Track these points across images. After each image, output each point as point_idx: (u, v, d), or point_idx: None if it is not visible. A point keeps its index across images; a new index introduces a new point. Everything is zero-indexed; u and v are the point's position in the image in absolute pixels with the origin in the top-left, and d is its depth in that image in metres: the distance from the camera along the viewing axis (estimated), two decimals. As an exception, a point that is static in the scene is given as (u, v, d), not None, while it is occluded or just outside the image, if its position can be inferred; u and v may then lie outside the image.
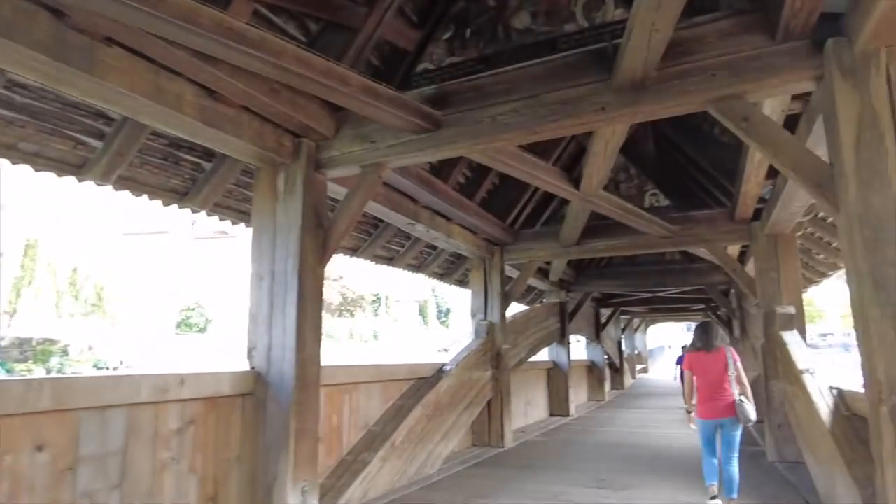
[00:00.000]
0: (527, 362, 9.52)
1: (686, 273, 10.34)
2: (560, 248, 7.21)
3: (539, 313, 9.72)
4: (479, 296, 7.50)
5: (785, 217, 5.33)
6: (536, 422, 9.75)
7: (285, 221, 3.87)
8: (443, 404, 5.93)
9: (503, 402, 7.23)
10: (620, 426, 9.47)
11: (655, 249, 7.05)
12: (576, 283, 11.06)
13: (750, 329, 8.96)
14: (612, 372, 17.75)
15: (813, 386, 4.45)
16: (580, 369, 13.70)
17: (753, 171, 4.69)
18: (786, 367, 5.36)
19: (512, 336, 8.14)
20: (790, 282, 5.93)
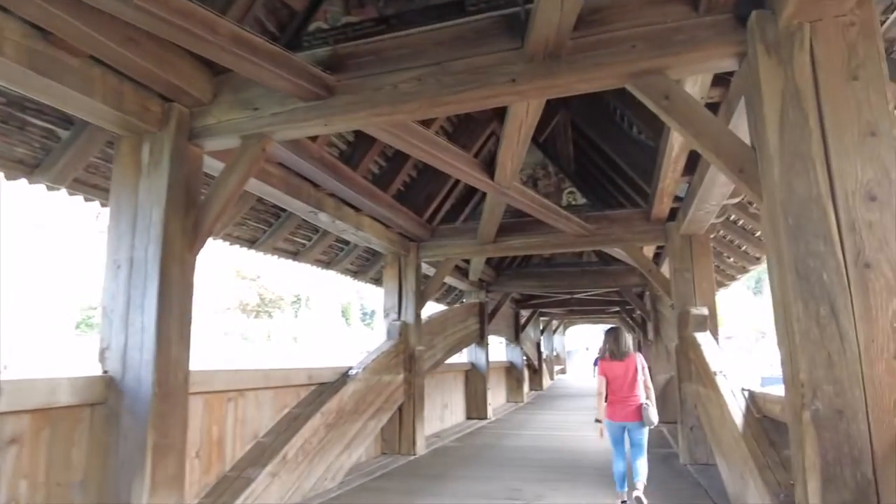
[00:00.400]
0: (444, 364, 9.18)
1: (602, 275, 10.39)
2: (477, 246, 6.90)
3: (457, 314, 9.40)
4: (392, 294, 7.05)
5: (700, 216, 5.27)
6: (453, 426, 9.42)
7: (148, 200, 3.26)
8: (347, 411, 5.43)
9: (416, 407, 6.82)
10: (537, 429, 9.32)
11: (572, 248, 6.89)
12: (495, 283, 10.86)
13: (664, 331, 9.07)
14: (531, 373, 17.85)
15: (725, 387, 4.35)
16: (499, 371, 13.56)
17: (671, 167, 4.54)
18: (699, 369, 5.29)
19: (428, 337, 7.75)
20: (704, 283, 5.92)
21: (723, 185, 4.33)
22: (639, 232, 6.39)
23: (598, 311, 17.86)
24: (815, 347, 2.11)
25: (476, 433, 8.81)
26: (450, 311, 9.10)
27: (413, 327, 6.91)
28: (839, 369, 2.07)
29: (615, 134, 6.69)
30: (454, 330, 9.08)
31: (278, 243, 6.19)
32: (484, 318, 10.58)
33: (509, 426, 9.67)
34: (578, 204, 6.64)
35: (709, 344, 5.28)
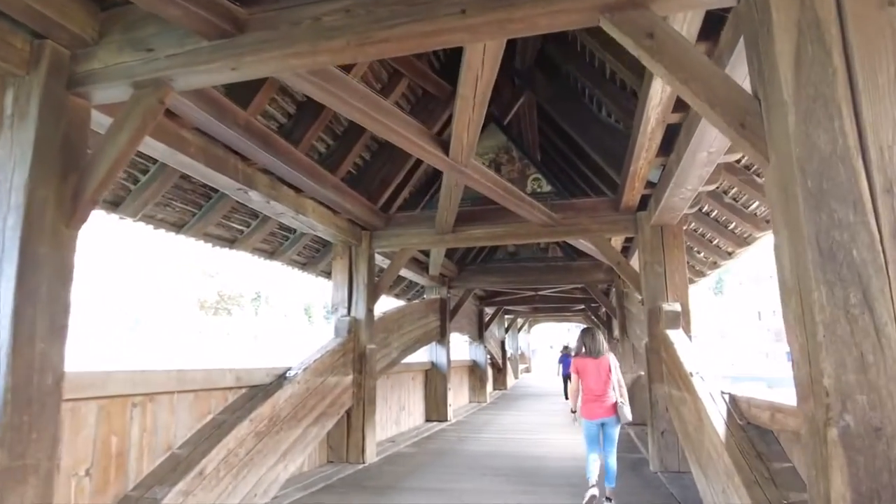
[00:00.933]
0: (402, 364, 8.61)
1: (568, 271, 9.98)
2: (435, 236, 6.34)
3: (416, 310, 8.84)
4: (342, 288, 6.44)
5: (674, 203, 4.83)
6: (411, 429, 8.85)
7: (9, 159, 2.59)
8: (283, 417, 4.80)
9: (366, 411, 6.22)
10: (499, 432, 8.84)
11: (536, 239, 6.42)
12: (457, 278, 10.34)
13: (631, 329, 8.70)
14: (496, 372, 17.46)
15: (703, 390, 3.90)
16: (462, 370, 13.06)
17: (645, 145, 4.08)
18: (672, 369, 4.86)
19: (382, 335, 7.16)
20: (676, 276, 5.51)
21: (702, 164, 3.89)
22: (607, 222, 5.94)
23: (562, 308, 17.56)
24: (844, 346, 1.63)
25: (434, 437, 8.26)
26: (407, 308, 8.52)
27: (364, 324, 6.32)
28: (876, 373, 1.60)
29: (583, 117, 6.23)
30: (412, 327, 8.51)
31: (210, 228, 5.52)
32: (445, 315, 10.06)
33: (470, 429, 9.17)
34: (544, 191, 6.16)
35: (682, 342, 4.86)
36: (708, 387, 3.93)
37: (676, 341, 4.89)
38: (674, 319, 5.26)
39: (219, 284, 54.56)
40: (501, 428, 9.31)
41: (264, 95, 4.53)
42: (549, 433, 8.57)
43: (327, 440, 6.21)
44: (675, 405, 4.79)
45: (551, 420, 10.21)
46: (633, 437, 7.79)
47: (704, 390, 3.89)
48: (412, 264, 8.57)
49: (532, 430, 8.89)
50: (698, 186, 4.40)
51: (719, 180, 4.90)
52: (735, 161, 5.06)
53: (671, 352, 4.89)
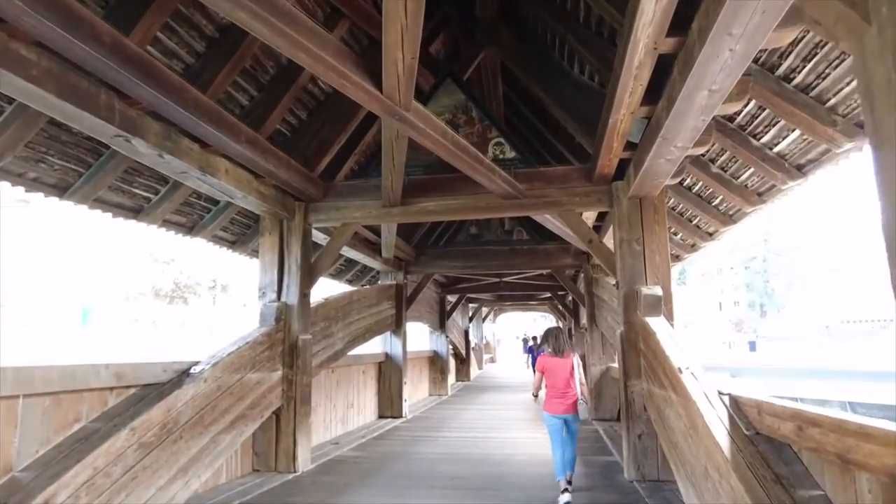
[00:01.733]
0: (350, 356, 7.74)
1: (534, 255, 9.24)
2: (381, 209, 5.46)
3: (367, 296, 7.95)
4: (270, 269, 5.51)
5: (658, 168, 4.07)
6: (359, 428, 7.99)
7: None
8: (182, 424, 3.88)
9: (298, 412, 5.33)
10: (459, 429, 8.06)
11: (498, 213, 5.60)
12: (415, 263, 9.48)
13: (600, 317, 8.01)
14: (458, 363, 16.75)
15: (696, 391, 3.16)
16: (421, 361, 12.25)
17: (629, 86, 3.28)
18: (653, 364, 4.12)
19: (322, 324, 6.27)
20: (657, 256, 4.77)
21: (699, 110, 3.12)
22: (579, 194, 5.17)
23: (528, 296, 16.92)
24: None
25: (386, 437, 7.43)
26: (355, 294, 7.63)
27: (297, 311, 5.41)
28: None
29: (554, 74, 5.44)
30: (362, 315, 7.64)
31: (102, 193, 4.52)
32: (402, 303, 9.20)
33: (427, 426, 8.36)
34: (507, 158, 5.34)
35: (666, 332, 4.12)
36: (702, 386, 3.19)
37: (658, 331, 4.15)
38: (654, 305, 4.53)
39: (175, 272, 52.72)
40: (461, 425, 8.54)
41: (154, 17, 3.57)
42: (514, 430, 7.83)
43: (253, 446, 5.31)
44: (657, 405, 4.06)
45: (515, 414, 9.49)
46: (602, 436, 7.12)
47: (698, 391, 3.15)
48: (363, 246, 7.69)
49: (495, 427, 8.14)
50: (689, 144, 3.64)
51: (710, 143, 4.16)
52: (732, 116, 4.33)
53: (652, 343, 4.15)
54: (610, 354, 8.53)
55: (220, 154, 4.35)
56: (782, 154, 4.33)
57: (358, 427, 8.03)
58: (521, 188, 5.12)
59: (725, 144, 4.55)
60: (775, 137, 4.20)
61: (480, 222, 9.40)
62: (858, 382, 21.19)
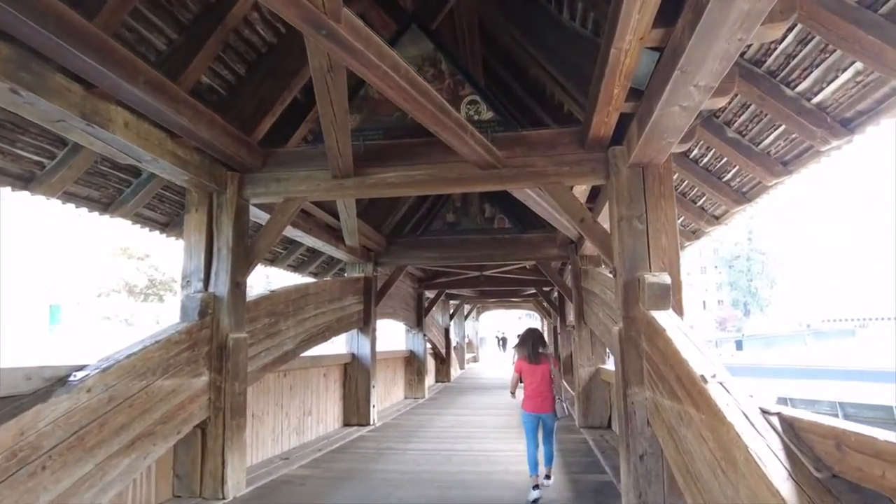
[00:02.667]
0: (306, 357, 6.82)
1: (517, 245, 8.36)
2: (332, 181, 4.54)
3: (327, 289, 7.02)
4: (196, 252, 4.56)
5: (670, 120, 3.19)
6: (318, 438, 7.06)
7: None
8: (45, 449, 2.93)
9: (228, 426, 4.39)
10: (431, 440, 7.16)
11: (472, 186, 4.67)
12: (386, 253, 8.56)
13: (590, 314, 7.16)
14: (438, 363, 15.88)
15: (729, 407, 2.29)
16: (395, 362, 11.34)
17: (637, 3, 2.40)
18: (661, 369, 3.26)
19: (266, 320, 5.34)
20: (664, 237, 3.91)
21: (740, 18, 2.24)
22: (569, 162, 4.29)
23: (512, 292, 16.06)
24: None
25: (346, 449, 6.51)
26: (312, 286, 6.68)
27: (228, 303, 4.47)
28: None
29: (540, 21, 4.55)
30: (321, 311, 6.70)
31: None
32: (370, 298, 8.28)
33: (396, 435, 7.46)
34: (483, 119, 4.46)
35: (679, 329, 3.26)
36: (738, 402, 2.32)
37: (668, 327, 3.28)
38: (661, 296, 3.67)
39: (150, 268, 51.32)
40: (435, 433, 7.65)
41: None
42: (492, 440, 6.95)
43: (174, 467, 4.37)
44: (667, 422, 3.19)
45: (495, 420, 8.61)
46: (592, 448, 6.26)
47: (733, 408, 2.28)
48: (323, 232, 6.75)
49: (472, 436, 7.26)
50: (713, 82, 2.76)
51: (732, 91, 3.30)
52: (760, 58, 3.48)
53: (660, 343, 3.29)
54: (600, 355, 7.70)
55: (113, 101, 3.40)
56: (824, 105, 3.49)
57: (316, 438, 7.09)
58: (499, 155, 4.24)
59: (751, 96, 3.69)
60: (817, 83, 3.36)
61: (458, 209, 8.51)
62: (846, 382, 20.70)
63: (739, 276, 64.18)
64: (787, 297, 62.56)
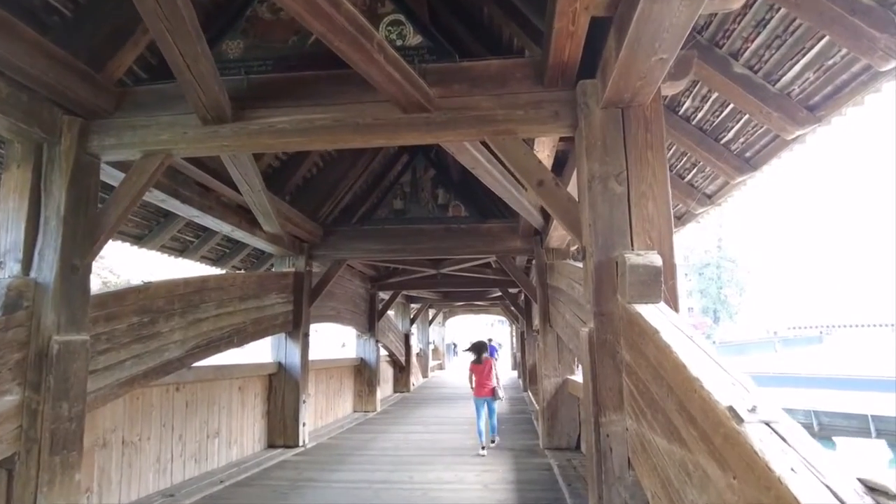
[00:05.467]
0: (211, 366, 5.59)
1: (474, 236, 7.25)
2: (203, 128, 3.34)
3: (237, 284, 5.77)
4: (15, 222, 3.31)
5: (660, 27, 2.12)
6: (227, 465, 5.80)
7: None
8: None
9: (46, 464, 3.13)
10: (366, 466, 5.95)
11: (394, 138, 3.47)
12: (322, 245, 7.36)
13: (556, 315, 6.08)
14: (397, 371, 14.65)
15: (796, 475, 1.16)
16: (341, 372, 10.08)
17: None
18: (652, 389, 2.14)
19: (135, 318, 4.10)
20: (651, 203, 2.84)
21: None
22: (523, 105, 3.18)
23: (476, 295, 14.96)
24: None
25: (253, 481, 5.26)
26: (213, 279, 5.42)
27: (56, 293, 3.21)
28: None
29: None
30: (226, 311, 5.46)
31: None
32: (302, 297, 7.05)
33: (326, 460, 6.24)
34: (409, 46, 3.33)
35: (680, 332, 2.15)
36: (813, 465, 1.20)
37: (663, 328, 2.17)
38: (648, 283, 2.57)
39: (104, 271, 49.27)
40: (373, 457, 6.44)
41: None
42: (441, 466, 5.78)
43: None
44: (661, 472, 2.07)
45: (450, 438, 7.43)
46: (556, 477, 5.14)
47: (804, 480, 1.16)
48: (231, 213, 5.53)
49: (416, 461, 6.07)
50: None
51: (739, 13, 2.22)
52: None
53: (650, 350, 2.18)
54: (568, 364, 6.62)
55: None
56: (888, 2, 2.46)
57: (226, 465, 5.83)
58: (429, 92, 3.11)
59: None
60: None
61: (408, 195, 7.37)
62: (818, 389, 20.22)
63: (710, 284, 64.37)
64: (754, 304, 62.96)
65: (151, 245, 6.07)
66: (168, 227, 6.04)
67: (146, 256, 6.99)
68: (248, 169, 4.47)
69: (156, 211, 5.79)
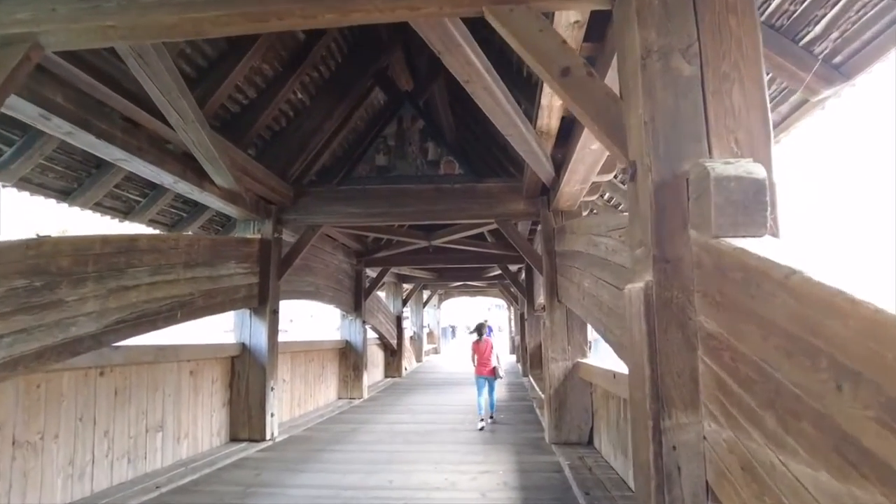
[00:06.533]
0: (151, 347, 4.63)
1: (470, 197, 6.24)
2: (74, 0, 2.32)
3: (183, 248, 4.76)
4: None
5: None
6: (174, 465, 4.86)
7: None
8: None
9: None
10: (340, 466, 5.01)
11: (343, 17, 2.43)
12: (293, 208, 6.35)
13: (567, 287, 5.10)
14: (388, 356, 13.75)
15: None
16: (323, 356, 9.11)
17: None
18: (789, 379, 1.13)
19: (18, 282, 3.11)
20: (738, 89, 1.83)
21: None
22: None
23: (471, 273, 13.99)
24: None
25: (198, 486, 4.31)
26: (146, 240, 4.38)
27: None
28: None
29: None
30: (166, 278, 4.47)
31: None
32: (270, 268, 6.06)
33: (292, 458, 5.29)
34: None
35: (850, 274, 1.15)
36: None
37: (808, 267, 1.17)
38: (745, 206, 1.58)
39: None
40: (349, 455, 5.49)
41: None
42: (428, 466, 4.83)
43: None
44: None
45: (441, 430, 6.49)
46: (567, 479, 4.20)
47: None
48: (172, 160, 4.51)
49: (399, 460, 5.12)
50: None
51: None
52: None
53: (772, 309, 1.18)
54: (579, 345, 5.65)
55: None
56: None
57: (173, 464, 4.87)
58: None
59: None
60: None
61: (392, 149, 6.34)
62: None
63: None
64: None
65: (83, 202, 5.05)
66: (102, 180, 5.03)
67: (98, 222, 5.94)
68: (170, 86, 3.41)
69: (84, 159, 4.78)
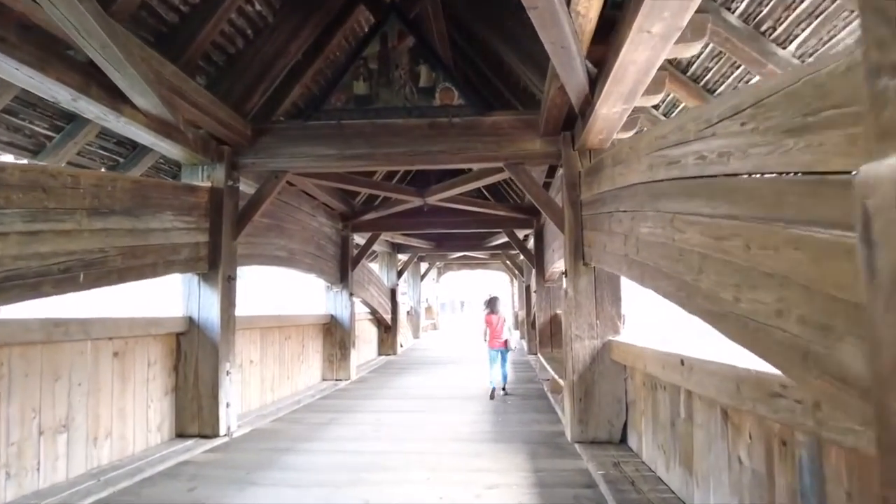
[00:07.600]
0: (62, 322, 3.45)
1: (473, 134, 4.99)
2: None
3: (87, 186, 3.53)
4: None
5: None
6: (91, 473, 3.71)
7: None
8: None
9: None
10: (314, 475, 3.86)
11: None
12: (252, 149, 5.10)
13: (603, 240, 3.90)
14: (382, 332, 12.65)
15: None
16: (302, 332, 7.95)
17: None
18: None
19: None
20: None
21: None
22: None
23: (472, 242, 12.80)
24: None
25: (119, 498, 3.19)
26: (15, 170, 3.18)
27: None
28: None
29: None
30: (54, 227, 3.26)
31: None
32: (221, 223, 4.85)
33: (247, 462, 4.16)
34: None
35: None
36: None
37: None
38: None
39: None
40: (326, 454, 4.35)
41: None
42: (433, 471, 3.70)
43: None
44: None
45: (435, 420, 5.37)
46: (602, 494, 3.05)
47: None
48: (74, 71, 3.27)
49: (392, 465, 3.99)
50: None
51: None
52: None
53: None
54: (611, 318, 4.47)
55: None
56: None
57: (84, 473, 3.73)
58: None
59: None
60: None
61: (374, 74, 5.07)
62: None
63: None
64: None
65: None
66: (-14, 102, 3.79)
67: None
68: None
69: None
